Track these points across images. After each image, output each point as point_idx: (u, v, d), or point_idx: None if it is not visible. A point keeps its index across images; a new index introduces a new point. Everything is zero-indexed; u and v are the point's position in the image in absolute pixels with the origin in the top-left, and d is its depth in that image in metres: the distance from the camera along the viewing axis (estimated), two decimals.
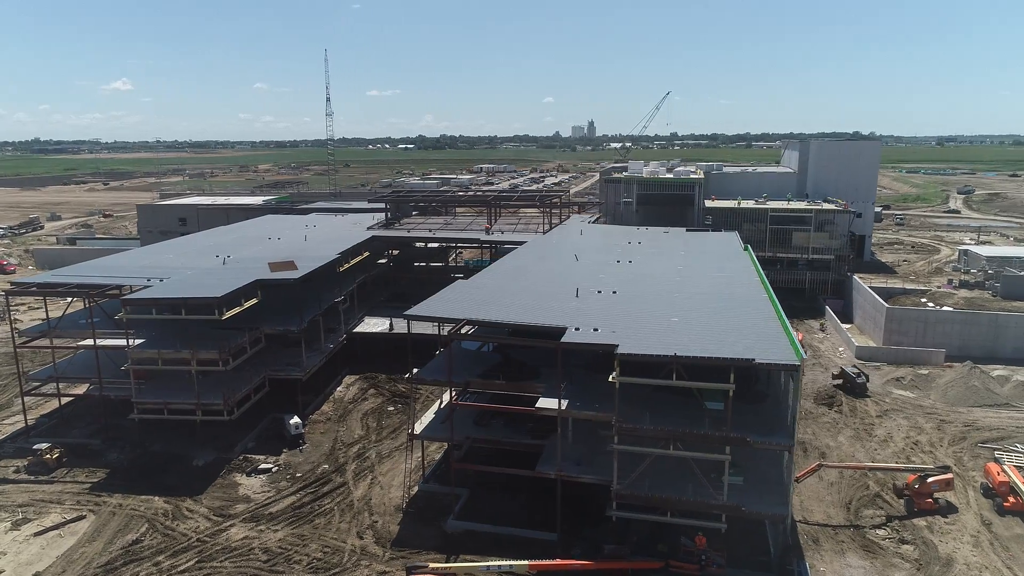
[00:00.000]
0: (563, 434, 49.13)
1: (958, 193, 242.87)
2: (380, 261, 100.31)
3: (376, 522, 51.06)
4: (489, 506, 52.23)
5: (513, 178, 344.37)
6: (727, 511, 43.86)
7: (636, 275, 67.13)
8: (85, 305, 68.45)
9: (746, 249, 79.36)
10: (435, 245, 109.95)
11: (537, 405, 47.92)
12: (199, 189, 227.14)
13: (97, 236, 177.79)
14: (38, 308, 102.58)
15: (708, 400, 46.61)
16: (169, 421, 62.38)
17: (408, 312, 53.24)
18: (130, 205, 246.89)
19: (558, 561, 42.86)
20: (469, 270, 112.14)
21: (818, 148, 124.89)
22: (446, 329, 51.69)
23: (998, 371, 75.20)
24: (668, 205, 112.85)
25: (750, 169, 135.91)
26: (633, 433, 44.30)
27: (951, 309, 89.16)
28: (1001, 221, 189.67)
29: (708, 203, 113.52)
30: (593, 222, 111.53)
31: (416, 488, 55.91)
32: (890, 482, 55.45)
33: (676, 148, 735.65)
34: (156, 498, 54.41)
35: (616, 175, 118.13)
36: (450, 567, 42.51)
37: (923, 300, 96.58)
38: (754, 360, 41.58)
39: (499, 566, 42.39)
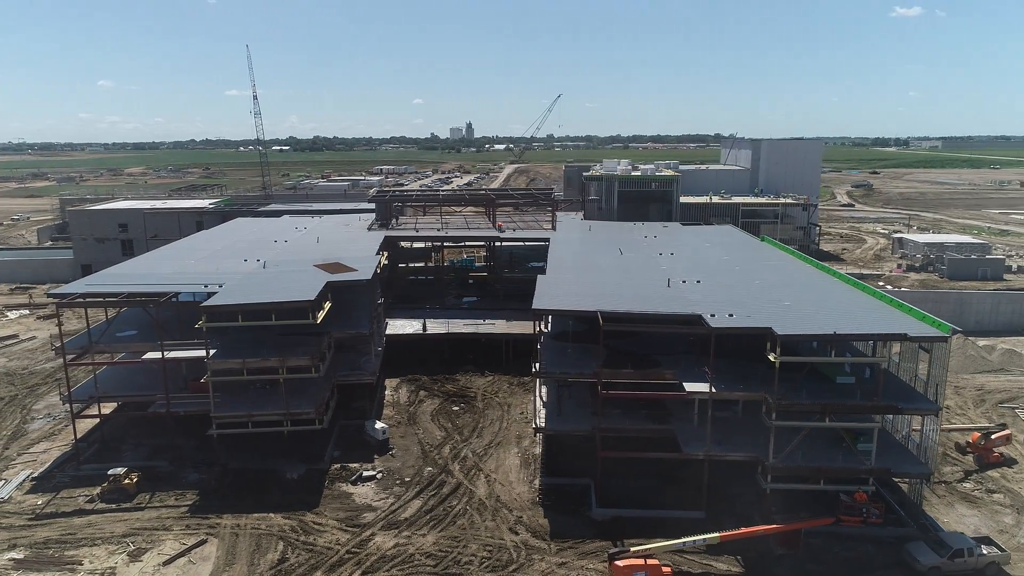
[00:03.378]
0: (706, 416, 51.10)
1: (853, 187, 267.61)
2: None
3: (521, 517, 50.93)
4: (622, 493, 53.36)
5: (420, 179, 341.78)
6: (876, 475, 47.83)
7: (697, 265, 70.34)
8: (150, 313, 62.43)
9: (763, 239, 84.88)
10: (420, 246, 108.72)
11: (688, 389, 49.70)
12: (109, 194, 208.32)
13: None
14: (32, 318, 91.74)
15: (839, 375, 50.46)
16: (242, 435, 58.41)
17: (535, 306, 53.32)
18: (4, 212, 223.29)
19: (743, 530, 45.02)
20: (458, 270, 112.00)
21: (769, 147, 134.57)
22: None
23: (982, 341, 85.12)
24: (647, 202, 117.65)
25: (703, 168, 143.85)
26: (790, 409, 47.19)
27: (909, 290, 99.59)
28: (891, 212, 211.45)
29: (683, 199, 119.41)
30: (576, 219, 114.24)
31: (536, 481, 56.09)
32: (950, 442, 61.96)
33: (557, 149, 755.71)
34: (272, 515, 51.26)
35: (596, 174, 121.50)
36: (649, 548, 43.53)
37: (881, 283, 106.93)
38: (907, 334, 45.69)
39: (693, 540, 44.00)
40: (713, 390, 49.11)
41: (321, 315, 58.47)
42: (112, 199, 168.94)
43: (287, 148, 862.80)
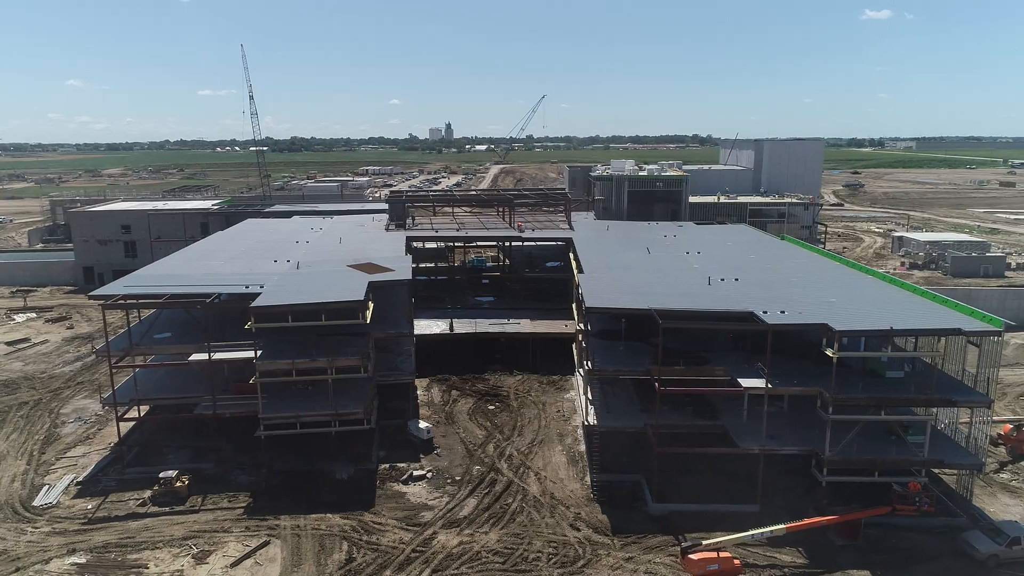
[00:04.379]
0: (753, 411, 51.99)
1: (844, 187, 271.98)
2: None
3: (579, 514, 51.40)
4: (673, 488, 54.00)
5: (407, 179, 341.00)
6: (930, 466, 49.08)
7: (727, 264, 71.32)
8: (191, 314, 61.71)
9: (783, 238, 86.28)
10: (432, 246, 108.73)
11: (744, 385, 50.53)
12: (101, 195, 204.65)
13: None
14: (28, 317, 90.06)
15: (889, 370, 51.67)
16: (286, 437, 58.00)
17: (588, 305, 53.83)
18: None
19: (807, 521, 45.97)
20: (469, 270, 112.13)
21: (771, 148, 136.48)
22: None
23: None
24: (657, 202, 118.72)
25: (705, 168, 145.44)
26: (847, 403, 48.23)
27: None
28: (880, 211, 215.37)
29: (691, 199, 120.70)
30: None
31: (586, 478, 56.60)
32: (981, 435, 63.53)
33: (538, 150, 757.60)
34: (329, 515, 51.17)
35: (604, 174, 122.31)
36: (720, 541, 44.25)
37: None
38: (961, 329, 46.96)
39: (762, 532, 44.87)
40: (769, 386, 49.90)
41: (368, 315, 58.43)
42: (104, 201, 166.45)
43: (265, 149, 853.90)
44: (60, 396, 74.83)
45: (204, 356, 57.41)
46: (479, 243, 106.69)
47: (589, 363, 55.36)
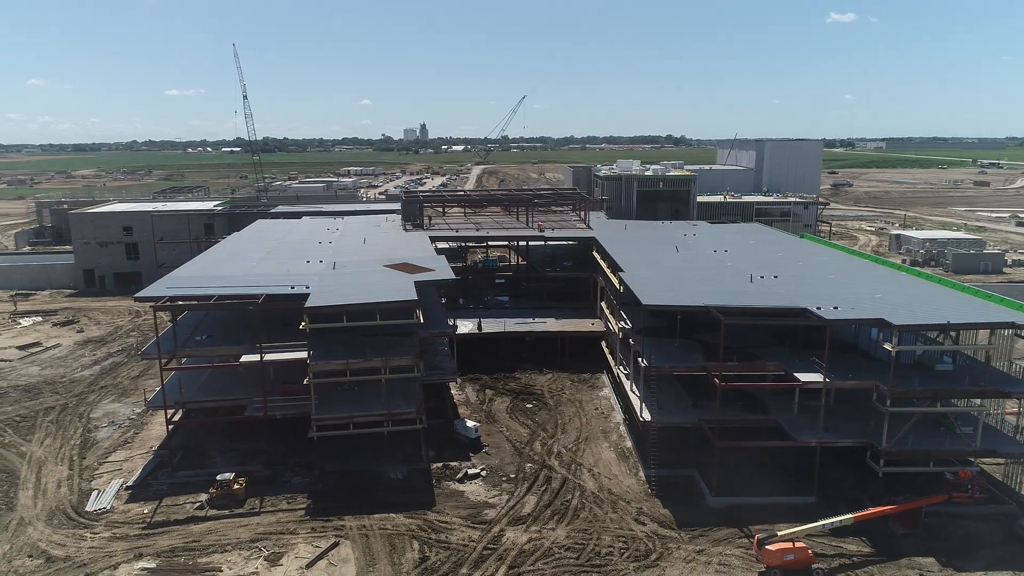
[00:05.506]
0: (804, 405, 52.99)
1: (833, 186, 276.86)
2: None
3: (641, 508, 52.02)
4: (727, 481, 54.80)
5: (391, 180, 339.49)
6: (981, 455, 50.60)
7: (758, 261, 72.41)
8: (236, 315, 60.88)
9: (803, 236, 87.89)
10: (444, 246, 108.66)
11: (803, 380, 51.56)
12: (78, 196, 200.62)
13: None
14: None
15: (938, 363, 53.15)
16: (334, 438, 57.65)
17: (645, 303, 54.44)
18: None
19: (872, 510, 47.15)
20: (482, 271, 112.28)
21: (772, 148, 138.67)
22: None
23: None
24: (665, 201, 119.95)
25: (707, 168, 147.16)
26: (904, 395, 49.52)
27: None
28: (865, 210, 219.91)
29: (699, 198, 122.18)
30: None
31: (640, 473, 57.25)
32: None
33: (515, 151, 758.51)
34: (392, 515, 51.13)
35: (612, 173, 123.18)
36: (794, 531, 45.15)
37: None
38: (1015, 322, 48.52)
39: (831, 523, 45.94)
40: (827, 380, 50.99)
41: (421, 315, 58.43)
42: (92, 202, 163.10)
43: (237, 150, 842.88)
44: (86, 400, 73.48)
45: (254, 357, 56.92)
46: (498, 243, 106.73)
47: (643, 360, 55.94)
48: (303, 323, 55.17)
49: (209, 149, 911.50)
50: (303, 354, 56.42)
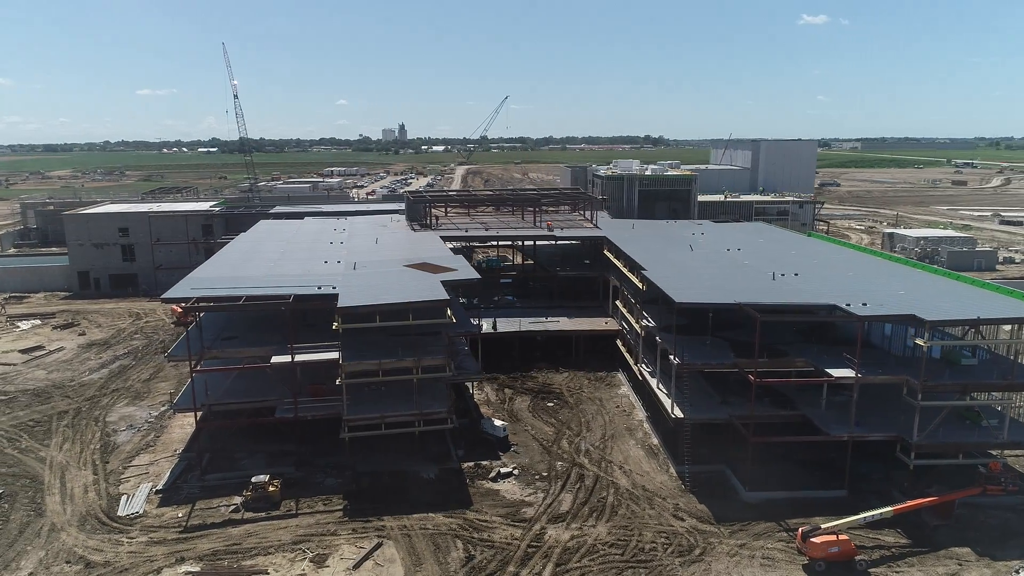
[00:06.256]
0: (832, 400, 53.87)
1: (820, 186, 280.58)
2: None
3: (677, 504, 52.48)
4: (761, 476, 55.41)
5: (376, 180, 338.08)
6: (1009, 448, 51.80)
7: (773, 259, 73.25)
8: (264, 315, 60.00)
9: (810, 235, 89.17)
10: (450, 246, 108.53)
11: (834, 375, 52.38)
12: (74, 196, 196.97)
13: None
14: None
15: (963, 357, 54.32)
16: (363, 438, 57.39)
17: (678, 300, 54.88)
18: None
19: (910, 503, 48.06)
20: (487, 270, 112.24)
21: (767, 148, 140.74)
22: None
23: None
24: (666, 201, 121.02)
25: (703, 168, 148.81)
26: (935, 389, 50.53)
27: None
28: (851, 209, 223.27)
29: (700, 198, 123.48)
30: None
31: (671, 469, 57.74)
32: None
33: (495, 151, 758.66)
34: (432, 515, 51.03)
35: (614, 173, 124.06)
36: (837, 524, 45.89)
37: None
38: None
39: (872, 515, 46.75)
40: (858, 375, 51.86)
41: (451, 314, 58.38)
42: (80, 204, 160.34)
43: (214, 150, 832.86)
44: (99, 404, 72.32)
45: (285, 358, 56.47)
46: (507, 243, 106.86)
47: (675, 358, 56.43)
48: (336, 323, 54.87)
49: (185, 149, 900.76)
50: (334, 355, 56.12)
